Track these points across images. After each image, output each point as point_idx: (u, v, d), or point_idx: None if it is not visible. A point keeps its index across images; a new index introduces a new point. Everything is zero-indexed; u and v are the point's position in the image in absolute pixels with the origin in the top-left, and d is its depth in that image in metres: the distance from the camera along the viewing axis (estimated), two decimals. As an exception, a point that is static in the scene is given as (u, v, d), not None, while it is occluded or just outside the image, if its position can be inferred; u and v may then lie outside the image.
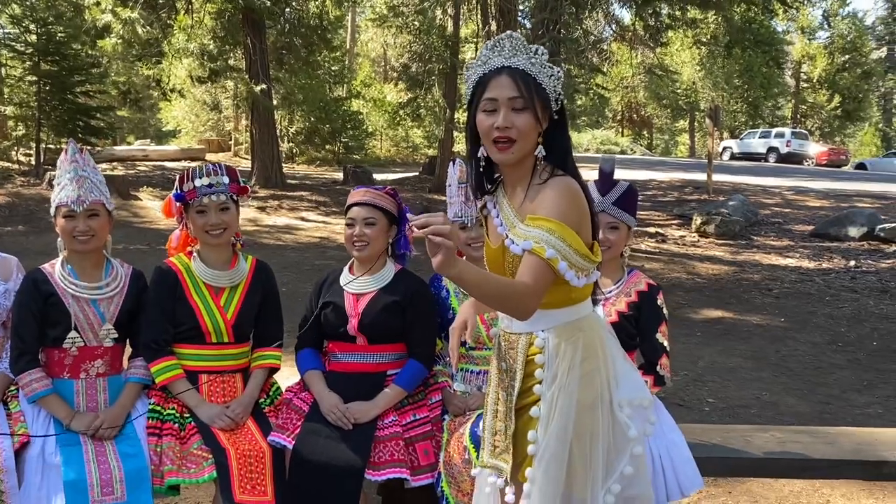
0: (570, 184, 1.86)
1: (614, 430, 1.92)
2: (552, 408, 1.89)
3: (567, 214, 1.82)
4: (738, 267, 9.37)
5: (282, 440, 2.59)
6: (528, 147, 1.86)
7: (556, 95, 1.88)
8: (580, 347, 1.92)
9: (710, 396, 5.03)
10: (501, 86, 1.84)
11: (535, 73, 1.84)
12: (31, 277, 2.61)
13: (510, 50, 1.86)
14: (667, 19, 13.06)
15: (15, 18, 16.35)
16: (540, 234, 1.79)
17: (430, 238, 1.64)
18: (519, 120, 1.83)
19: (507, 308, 1.84)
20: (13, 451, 2.42)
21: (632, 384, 2.00)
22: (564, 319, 1.93)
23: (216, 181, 2.68)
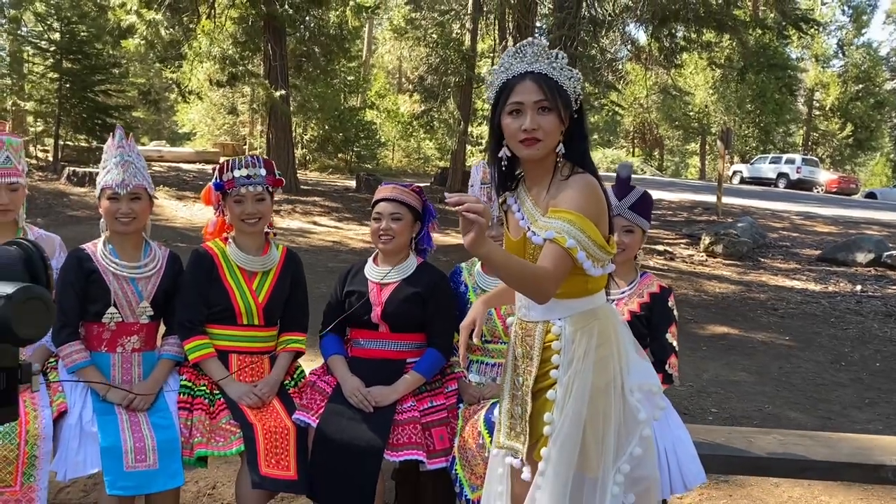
0: (590, 180, 1.99)
1: (625, 413, 2.04)
2: (568, 391, 2.01)
3: (586, 208, 1.95)
4: (744, 286, 9.47)
5: (306, 419, 2.72)
6: (552, 144, 2.00)
7: (576, 96, 2.02)
8: (595, 334, 2.03)
9: (714, 407, 5.13)
10: (527, 90, 1.97)
11: (556, 77, 1.98)
12: (75, 255, 2.75)
13: (532, 56, 2.00)
14: (682, 41, 13.22)
15: (39, 16, 16.63)
16: (561, 224, 1.92)
17: (463, 215, 1.76)
18: (544, 121, 1.97)
19: (527, 289, 1.95)
20: (52, 419, 2.56)
21: (642, 371, 2.12)
22: (580, 308, 2.05)
23: (254, 172, 2.83)
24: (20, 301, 0.94)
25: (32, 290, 0.96)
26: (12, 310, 0.94)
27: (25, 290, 0.95)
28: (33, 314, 0.96)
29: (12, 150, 2.74)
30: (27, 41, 17.25)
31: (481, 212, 1.76)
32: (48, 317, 1.00)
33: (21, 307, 0.94)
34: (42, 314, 0.98)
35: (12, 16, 18.50)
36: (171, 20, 14.10)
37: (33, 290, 0.97)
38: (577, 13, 10.65)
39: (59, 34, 15.71)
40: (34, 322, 0.97)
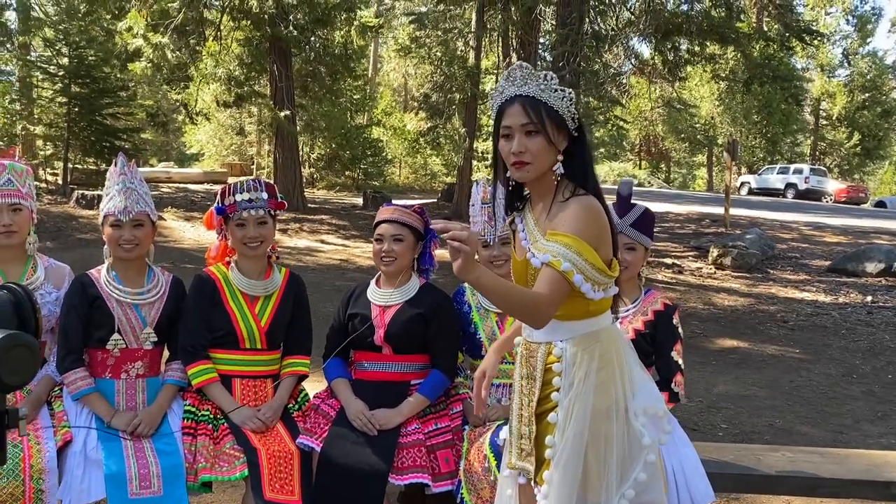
0: (590, 202, 1.98)
1: (629, 438, 2.01)
2: (569, 414, 1.99)
3: (584, 230, 1.93)
4: (753, 299, 9.41)
5: (310, 443, 2.71)
6: (544, 166, 1.99)
7: (571, 115, 2.00)
8: (596, 357, 2.01)
9: (724, 422, 5.08)
10: (514, 114, 1.98)
11: (545, 98, 1.97)
12: (79, 281, 2.76)
13: (521, 79, 2.00)
14: (686, 54, 13.24)
15: (48, 42, 16.82)
16: (557, 248, 1.91)
17: (449, 242, 1.77)
18: (531, 143, 1.96)
19: (522, 315, 1.94)
20: (56, 449, 2.55)
21: (648, 394, 2.09)
22: (582, 330, 2.04)
23: (255, 196, 2.84)
24: (5, 348, 0.95)
25: (18, 338, 0.97)
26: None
27: (11, 337, 0.96)
28: (18, 361, 0.97)
29: (15, 173, 2.76)
30: (36, 66, 17.45)
31: (465, 239, 1.76)
32: (33, 364, 1.01)
33: (6, 355, 0.95)
34: (27, 361, 0.99)
35: (21, 42, 18.75)
36: (177, 43, 14.25)
37: (18, 338, 0.98)
38: (579, 29, 10.69)
39: (67, 59, 15.89)
40: (19, 369, 0.98)
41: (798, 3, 16.31)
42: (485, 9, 14.26)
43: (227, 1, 14.45)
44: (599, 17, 11.70)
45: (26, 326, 1.06)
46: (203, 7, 14.86)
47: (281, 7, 14.10)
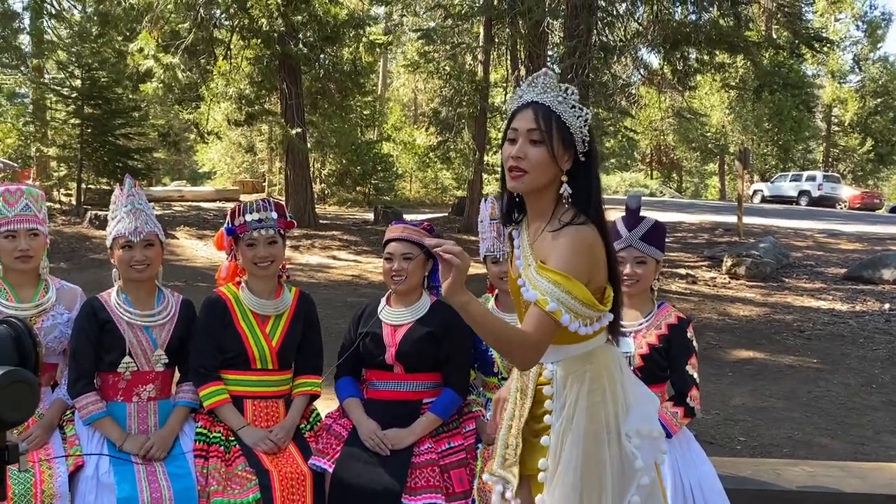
0: (583, 235, 1.88)
1: (622, 461, 1.94)
2: (561, 438, 1.93)
3: (575, 265, 1.84)
4: (769, 308, 9.33)
5: (322, 464, 2.69)
6: (540, 180, 1.90)
7: (583, 137, 1.91)
8: (587, 380, 1.95)
9: (742, 435, 5.02)
10: (524, 118, 1.91)
11: (560, 112, 1.89)
12: (90, 305, 2.76)
13: (542, 87, 1.92)
14: (695, 63, 13.21)
15: (61, 64, 17.02)
16: (546, 285, 1.83)
17: (440, 255, 1.73)
18: (532, 152, 1.88)
19: (507, 354, 1.88)
20: (68, 474, 2.54)
21: (642, 415, 2.01)
22: (574, 353, 1.97)
23: (265, 216, 2.83)
24: (5, 385, 0.95)
25: (17, 374, 0.97)
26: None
27: (10, 374, 0.96)
28: (18, 398, 0.97)
29: (31, 198, 2.76)
30: (50, 89, 17.64)
31: (458, 254, 1.72)
32: (33, 400, 1.00)
33: (6, 391, 0.95)
34: (27, 398, 0.99)
35: (35, 65, 18.98)
36: (187, 63, 14.38)
37: (18, 374, 0.98)
38: (587, 40, 10.68)
39: (80, 81, 16.05)
40: (19, 406, 0.97)
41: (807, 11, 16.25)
42: (492, 23, 14.31)
43: (237, 20, 14.58)
44: (607, 28, 11.70)
45: (26, 361, 1.05)
46: (213, 27, 15.00)
47: (290, 25, 14.20)
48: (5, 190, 2.74)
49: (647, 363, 2.79)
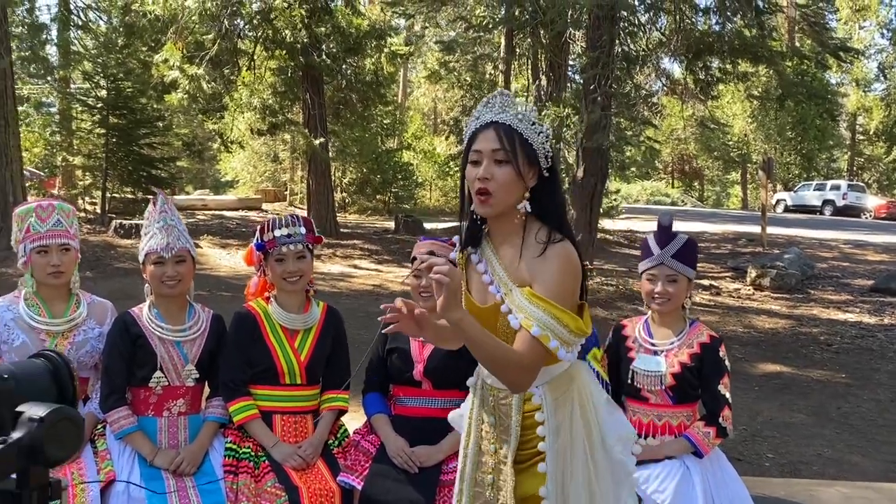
0: (569, 253, 1.86)
1: (615, 469, 1.96)
2: (561, 461, 1.90)
3: (566, 290, 1.83)
4: (795, 321, 9.21)
5: (351, 481, 2.68)
6: (509, 201, 1.87)
7: (545, 152, 1.89)
8: (575, 397, 1.94)
9: (770, 452, 4.95)
10: (486, 139, 1.87)
11: (521, 129, 1.86)
12: (121, 320, 2.78)
13: (500, 106, 1.89)
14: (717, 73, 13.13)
15: (87, 74, 17.24)
16: (536, 312, 1.80)
17: (430, 276, 1.71)
18: (499, 172, 1.84)
19: (501, 375, 1.84)
20: (100, 489, 2.56)
21: (616, 422, 2.03)
22: (556, 372, 1.94)
23: (294, 231, 2.85)
24: (52, 423, 0.96)
25: (63, 412, 0.98)
26: (44, 432, 0.96)
27: (57, 412, 0.97)
28: (64, 436, 0.98)
29: (63, 213, 2.79)
30: (76, 99, 17.87)
31: (446, 272, 1.69)
32: (78, 438, 1.02)
33: (52, 429, 0.96)
34: (72, 435, 1.00)
35: (62, 75, 19.24)
36: (212, 74, 14.51)
37: (64, 412, 0.99)
38: (610, 50, 10.65)
39: (105, 91, 16.25)
40: (64, 444, 0.99)
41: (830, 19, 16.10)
42: (514, 33, 14.32)
43: (261, 32, 14.70)
44: (630, 38, 11.66)
45: (64, 394, 1.06)
46: (237, 38, 15.14)
47: (313, 37, 14.30)
48: (38, 206, 2.77)
49: (679, 382, 2.77)
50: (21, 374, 1.04)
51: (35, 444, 0.95)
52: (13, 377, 1.03)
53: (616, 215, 18.30)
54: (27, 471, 0.98)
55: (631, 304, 9.76)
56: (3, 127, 11.96)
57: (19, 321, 2.69)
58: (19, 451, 0.95)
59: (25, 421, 0.97)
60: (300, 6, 13.95)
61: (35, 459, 0.97)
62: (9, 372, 1.04)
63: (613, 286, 10.84)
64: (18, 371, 1.05)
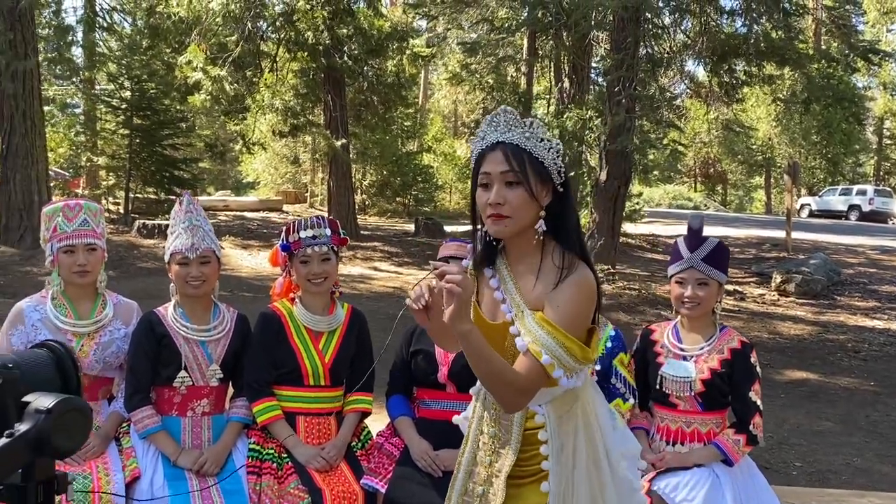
0: (586, 281, 1.81)
1: (619, 486, 1.92)
2: (564, 479, 1.86)
3: (578, 319, 1.79)
4: (821, 327, 9.08)
5: (374, 484, 2.66)
6: (524, 221, 1.81)
7: (557, 168, 1.82)
8: (579, 414, 1.90)
9: (797, 460, 4.86)
10: (495, 161, 1.80)
11: (529, 148, 1.80)
12: (147, 320, 2.78)
13: (505, 125, 1.82)
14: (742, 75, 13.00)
15: (112, 76, 17.42)
16: (545, 338, 1.75)
17: (442, 285, 1.67)
18: (512, 195, 1.78)
19: (497, 392, 1.79)
20: (124, 484, 2.56)
21: (620, 437, 1.99)
22: (560, 391, 1.89)
23: (319, 233, 2.83)
24: (60, 414, 0.95)
25: (71, 402, 0.97)
26: (52, 423, 0.95)
27: (65, 402, 0.96)
28: (72, 427, 0.97)
29: (90, 213, 2.79)
30: (100, 100, 18.05)
31: (459, 282, 1.65)
32: (86, 428, 1.00)
33: (60, 420, 0.95)
34: (80, 425, 0.99)
35: (87, 77, 19.46)
36: (234, 75, 14.58)
37: (72, 402, 0.97)
38: (634, 53, 10.58)
39: (129, 92, 16.41)
40: (72, 434, 0.97)
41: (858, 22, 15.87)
42: (537, 35, 14.26)
43: (284, 34, 14.76)
44: (654, 40, 11.56)
45: (69, 384, 1.05)
46: (260, 40, 15.22)
47: (335, 39, 14.33)
48: (65, 205, 2.77)
49: (708, 389, 2.71)
50: (25, 364, 1.03)
51: (43, 435, 0.94)
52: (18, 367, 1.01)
53: (638, 219, 18.15)
54: (33, 464, 0.96)
55: (654, 308, 9.67)
56: (29, 128, 12.11)
57: (46, 321, 2.69)
58: (27, 443, 0.94)
59: (32, 412, 0.96)
60: (322, 8, 13.99)
61: (43, 451, 0.95)
62: (13, 362, 1.02)
63: (636, 290, 10.75)
64: (22, 361, 1.03)
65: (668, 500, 2.58)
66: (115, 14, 19.80)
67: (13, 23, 11.75)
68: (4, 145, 12.17)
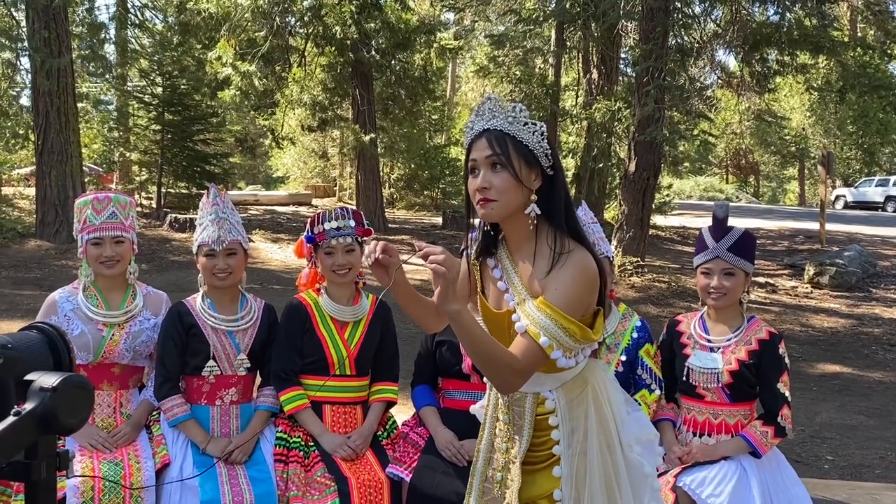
0: (583, 262, 1.80)
1: (631, 471, 1.91)
2: (576, 463, 1.87)
3: (577, 300, 1.78)
4: (855, 320, 8.92)
5: (399, 473, 2.68)
6: (511, 205, 1.81)
7: (544, 151, 1.83)
8: (590, 399, 1.90)
9: (829, 454, 4.79)
10: (480, 147, 1.83)
11: (513, 132, 1.81)
12: (175, 310, 2.83)
13: (489, 112, 1.84)
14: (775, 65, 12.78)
15: (143, 72, 17.67)
16: (543, 320, 1.76)
17: (427, 265, 1.67)
18: (497, 179, 1.79)
19: (491, 374, 1.80)
20: (154, 471, 2.61)
21: (635, 422, 1.98)
22: (570, 376, 1.90)
23: (343, 224, 2.85)
24: (64, 391, 0.97)
25: (74, 380, 0.99)
26: (58, 401, 0.97)
27: (68, 380, 0.98)
28: (76, 403, 0.99)
29: (119, 206, 2.83)
30: (133, 96, 18.32)
31: (442, 262, 1.66)
32: (88, 404, 1.02)
33: (65, 397, 0.97)
34: (83, 402, 1.01)
35: (119, 73, 19.74)
36: (264, 70, 14.71)
37: (75, 380, 1.00)
38: (664, 43, 10.45)
39: (161, 88, 16.62)
40: (77, 411, 0.99)
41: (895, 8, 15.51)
42: (564, 26, 14.16)
43: (312, 28, 14.85)
44: (684, 29, 11.41)
45: (61, 365, 1.07)
46: (288, 35, 15.31)
47: (363, 33, 14.39)
48: (94, 198, 2.83)
49: (736, 380, 2.69)
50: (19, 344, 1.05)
51: (49, 413, 0.96)
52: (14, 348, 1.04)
53: (668, 211, 17.97)
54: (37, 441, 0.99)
55: (683, 300, 9.59)
56: (63, 124, 12.33)
57: (78, 312, 2.75)
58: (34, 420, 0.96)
59: (37, 390, 0.97)
60: (350, 2, 14.04)
61: (49, 428, 0.97)
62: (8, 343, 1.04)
63: (665, 283, 10.65)
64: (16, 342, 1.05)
65: (695, 496, 2.54)
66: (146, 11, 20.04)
67: (48, 21, 11.95)
68: (40, 141, 12.41)
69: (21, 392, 0.99)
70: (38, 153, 12.50)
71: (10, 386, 1.00)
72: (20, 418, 0.95)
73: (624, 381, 2.79)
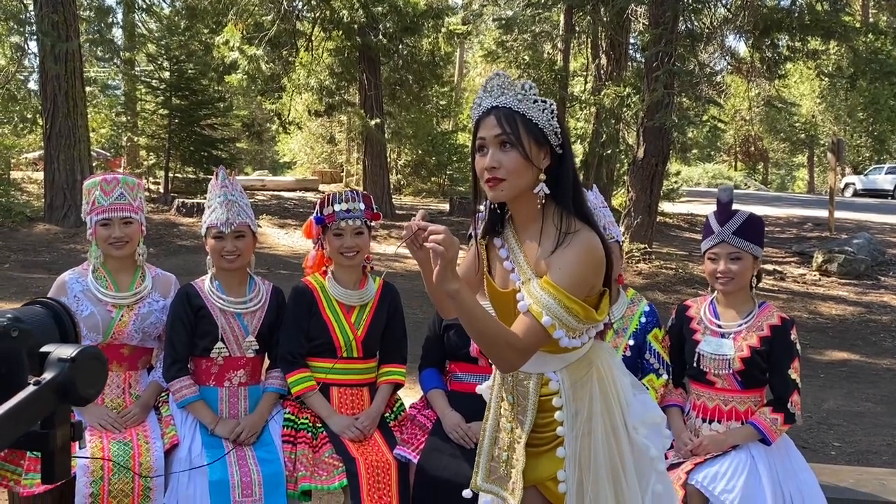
0: (589, 243, 1.79)
1: (636, 453, 1.91)
2: (579, 445, 1.86)
3: (581, 280, 1.77)
4: (864, 308, 8.89)
5: (407, 454, 2.69)
6: (521, 184, 1.80)
7: (553, 129, 1.81)
8: (595, 380, 1.89)
9: (836, 440, 4.79)
10: (488, 125, 1.80)
11: (522, 110, 1.78)
12: (184, 292, 2.83)
13: (498, 89, 1.81)
14: (785, 51, 12.67)
15: (151, 57, 17.65)
16: (546, 299, 1.75)
17: (427, 246, 1.67)
18: (506, 158, 1.77)
19: (491, 353, 1.80)
20: (163, 451, 2.63)
21: (641, 405, 1.98)
22: (574, 357, 1.90)
23: (353, 207, 2.85)
24: (82, 362, 0.99)
25: (90, 351, 1.01)
26: (76, 371, 0.99)
27: (85, 351, 1.00)
28: (93, 373, 1.02)
29: (127, 187, 2.83)
30: (140, 80, 18.31)
31: (441, 241, 1.65)
32: (103, 375, 1.05)
33: (82, 367, 0.99)
34: (100, 373, 1.03)
35: (127, 58, 19.71)
36: (271, 55, 14.66)
37: (91, 351, 1.02)
38: (673, 28, 10.37)
39: (168, 73, 16.60)
40: (94, 382, 1.02)
41: (908, -7, 15.34)
42: (573, 10, 14.06)
43: (319, 12, 14.78)
44: (694, 14, 11.31)
45: (67, 339, 1.09)
46: (296, 19, 15.25)
47: (370, 17, 14.31)
48: (103, 179, 2.83)
49: (747, 366, 2.67)
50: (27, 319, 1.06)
51: (68, 382, 0.98)
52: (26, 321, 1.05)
53: (676, 198, 17.89)
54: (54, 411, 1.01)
55: (691, 287, 9.56)
56: (71, 108, 12.32)
57: (87, 293, 2.76)
58: (53, 390, 0.98)
59: (55, 361, 0.99)
60: (357, -14, 13.97)
61: (67, 397, 1.00)
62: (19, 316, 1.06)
63: (673, 270, 10.63)
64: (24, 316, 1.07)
65: (707, 492, 2.51)
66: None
67: (56, 5, 11.93)
68: (48, 126, 12.41)
69: (34, 365, 1.01)
70: (47, 137, 12.51)
71: (24, 359, 1.01)
72: (41, 387, 0.96)
73: (632, 365, 2.78)
